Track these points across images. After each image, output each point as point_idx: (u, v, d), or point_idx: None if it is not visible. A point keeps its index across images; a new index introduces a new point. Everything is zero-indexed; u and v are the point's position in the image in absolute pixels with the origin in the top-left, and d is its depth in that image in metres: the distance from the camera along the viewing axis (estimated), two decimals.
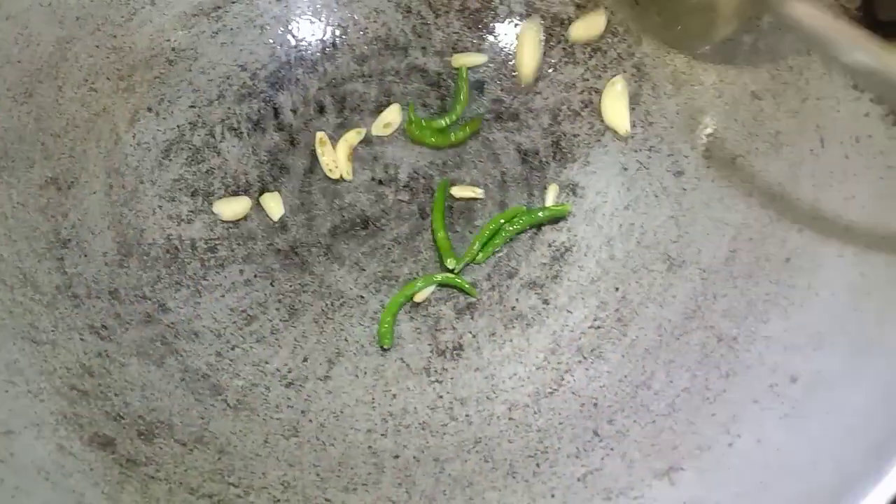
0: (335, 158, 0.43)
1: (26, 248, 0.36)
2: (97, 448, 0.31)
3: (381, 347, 0.39)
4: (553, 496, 0.32)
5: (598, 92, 0.45)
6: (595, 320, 0.39)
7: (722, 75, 0.42)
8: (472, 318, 0.40)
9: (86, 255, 0.38)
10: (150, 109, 0.42)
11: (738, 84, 0.41)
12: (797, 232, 0.36)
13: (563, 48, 0.46)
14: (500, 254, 0.42)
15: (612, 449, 0.33)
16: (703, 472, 0.31)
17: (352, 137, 0.44)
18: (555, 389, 0.37)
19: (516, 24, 0.47)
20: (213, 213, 0.42)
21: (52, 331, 0.34)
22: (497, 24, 0.47)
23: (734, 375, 0.34)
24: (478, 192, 0.44)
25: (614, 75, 0.45)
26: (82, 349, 0.35)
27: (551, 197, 0.43)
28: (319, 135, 0.44)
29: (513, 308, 0.41)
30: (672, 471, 0.31)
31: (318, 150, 0.43)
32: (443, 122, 0.44)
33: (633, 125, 0.44)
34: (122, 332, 0.36)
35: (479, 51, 0.47)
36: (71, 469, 0.30)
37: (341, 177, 0.43)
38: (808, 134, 0.38)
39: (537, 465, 0.34)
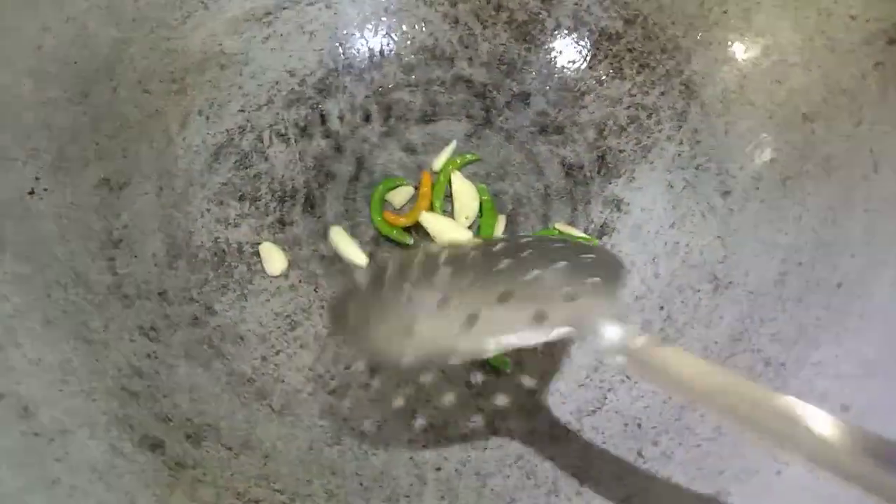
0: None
1: (79, 247, 0.36)
2: (147, 450, 0.31)
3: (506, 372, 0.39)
4: None
5: (645, 108, 0.45)
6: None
7: (773, 96, 0.41)
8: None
9: (136, 256, 0.38)
10: (200, 113, 0.43)
11: (790, 105, 0.41)
12: (850, 257, 0.36)
13: (611, 63, 0.46)
14: None
15: (656, 472, 0.33)
16: (749, 499, 0.31)
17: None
18: (597, 408, 0.37)
19: (564, 40, 0.47)
20: (260, 217, 0.42)
21: (104, 331, 0.35)
22: (544, 37, 0.47)
23: None
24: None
25: (662, 92, 0.44)
26: (132, 350, 0.35)
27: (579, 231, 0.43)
28: None
29: None
30: (718, 496, 0.31)
31: None
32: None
33: (681, 143, 0.43)
34: (171, 334, 0.37)
35: (525, 63, 0.47)
36: (123, 470, 0.30)
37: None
38: (862, 158, 0.37)
39: (580, 484, 0.34)
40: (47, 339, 0.32)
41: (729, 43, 0.43)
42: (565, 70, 0.47)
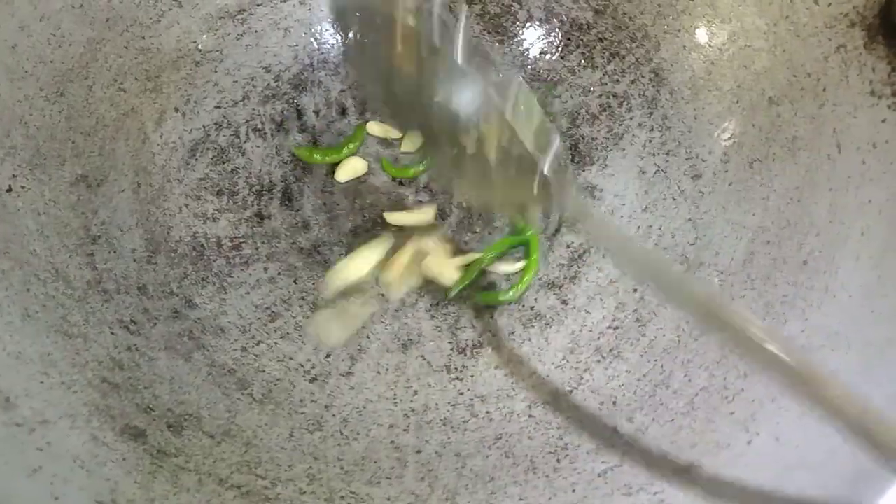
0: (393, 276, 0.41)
1: (58, 243, 0.37)
2: (129, 439, 0.32)
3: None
4: (574, 491, 0.33)
5: (616, 96, 0.46)
6: (613, 321, 0.40)
7: (739, 80, 0.42)
8: (491, 317, 0.41)
9: (115, 252, 0.38)
10: (176, 110, 0.43)
11: (756, 89, 0.42)
12: (814, 235, 0.37)
13: (582, 53, 0.47)
14: (519, 255, 0.43)
15: (631, 446, 0.34)
16: (722, 469, 0.32)
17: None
18: (574, 388, 0.38)
19: (536, 31, 0.47)
20: (238, 211, 0.42)
21: (84, 325, 0.35)
22: (517, 29, 0.48)
23: (752, 375, 0.34)
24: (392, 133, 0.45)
25: (633, 80, 0.45)
26: (112, 343, 0.35)
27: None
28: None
29: (532, 308, 0.41)
30: (692, 467, 0.32)
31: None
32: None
33: (651, 129, 0.44)
34: (151, 327, 0.37)
35: (501, 55, 0.48)
36: (104, 458, 0.30)
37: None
38: (826, 139, 0.38)
39: (557, 461, 0.34)
40: (27, 333, 0.33)
41: (696, 30, 0.44)
42: (538, 61, 0.47)
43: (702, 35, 0.44)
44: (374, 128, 0.46)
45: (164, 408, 0.34)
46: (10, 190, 0.36)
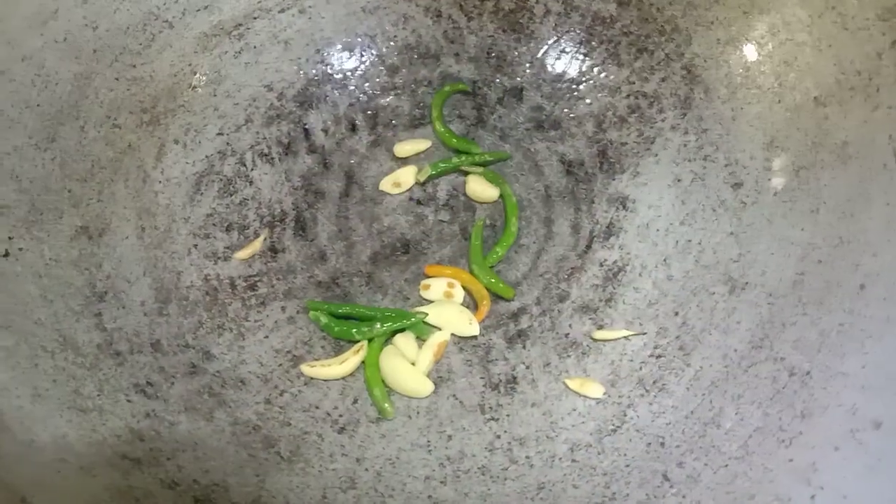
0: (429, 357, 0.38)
1: (63, 307, 0.34)
2: None
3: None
4: None
5: (646, 96, 0.42)
6: (655, 348, 0.37)
7: (781, 79, 0.39)
8: (524, 346, 0.39)
9: (124, 307, 0.36)
10: (176, 141, 0.40)
11: (800, 89, 0.38)
12: (871, 256, 0.34)
13: (606, 49, 0.43)
14: (549, 275, 0.40)
15: (684, 496, 0.32)
16: None
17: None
18: (617, 427, 0.36)
19: (555, 27, 0.44)
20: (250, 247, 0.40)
21: (98, 395, 0.33)
22: (534, 25, 0.44)
23: (810, 416, 0.32)
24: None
25: (663, 78, 0.42)
26: (130, 411, 0.33)
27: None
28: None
29: (566, 335, 0.39)
30: None
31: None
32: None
33: (686, 132, 0.41)
34: (168, 388, 0.35)
35: (516, 55, 0.44)
36: None
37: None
38: (880, 146, 0.35)
39: None
40: (38, 415, 0.31)
41: (731, 22, 0.40)
42: (558, 60, 0.44)
43: (738, 27, 0.40)
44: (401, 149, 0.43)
45: (190, 479, 0.32)
46: (6, 255, 0.34)
